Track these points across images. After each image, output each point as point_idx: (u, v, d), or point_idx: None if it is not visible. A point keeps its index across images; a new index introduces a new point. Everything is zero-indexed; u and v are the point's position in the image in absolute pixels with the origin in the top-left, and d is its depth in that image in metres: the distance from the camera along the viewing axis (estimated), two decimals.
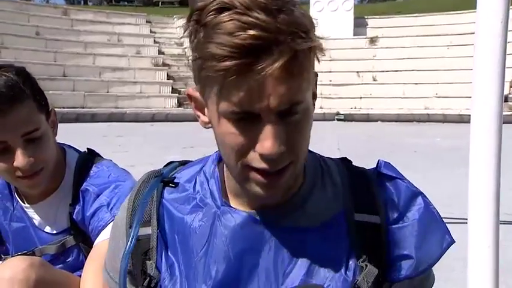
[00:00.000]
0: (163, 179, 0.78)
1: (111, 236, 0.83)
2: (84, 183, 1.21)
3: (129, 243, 0.73)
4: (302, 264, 0.70)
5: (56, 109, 1.26)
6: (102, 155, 1.36)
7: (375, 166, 0.78)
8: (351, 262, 0.70)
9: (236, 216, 0.72)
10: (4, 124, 1.10)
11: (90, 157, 1.30)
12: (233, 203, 0.74)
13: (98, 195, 1.18)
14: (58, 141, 1.29)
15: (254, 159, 0.63)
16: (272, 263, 0.70)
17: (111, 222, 1.09)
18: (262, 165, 0.63)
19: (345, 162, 0.79)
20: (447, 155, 7.55)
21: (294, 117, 0.64)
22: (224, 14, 0.60)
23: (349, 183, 0.75)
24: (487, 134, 0.61)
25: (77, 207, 1.20)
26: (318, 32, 0.64)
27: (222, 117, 0.63)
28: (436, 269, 0.74)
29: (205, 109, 0.69)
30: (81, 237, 1.21)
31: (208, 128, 0.71)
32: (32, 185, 1.20)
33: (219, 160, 0.77)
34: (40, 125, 1.17)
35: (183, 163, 0.83)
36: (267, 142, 0.61)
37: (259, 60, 0.59)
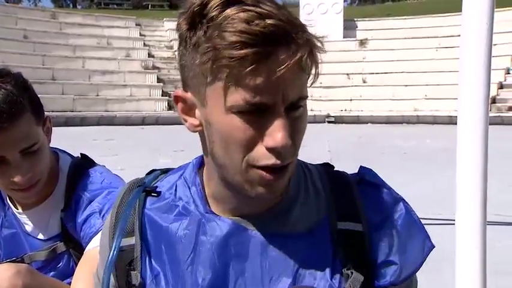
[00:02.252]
0: (145, 188, 0.77)
1: (100, 244, 0.83)
2: (77, 189, 1.19)
3: (111, 254, 0.73)
4: (288, 271, 0.69)
5: (45, 113, 1.24)
6: (93, 160, 1.34)
7: (356, 172, 0.78)
8: (335, 269, 0.70)
9: (221, 223, 0.71)
10: (4, 140, 1.08)
11: (83, 162, 1.28)
12: (215, 209, 0.73)
13: (90, 201, 1.16)
14: (51, 146, 1.27)
15: (261, 155, 0.63)
16: (259, 269, 0.70)
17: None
18: (270, 160, 0.62)
19: (326, 167, 0.79)
20: (437, 156, 7.60)
21: (297, 111, 0.64)
22: (233, 8, 0.59)
23: (331, 190, 0.74)
24: (473, 136, 0.61)
25: (69, 213, 1.18)
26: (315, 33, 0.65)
27: (229, 111, 0.62)
28: (428, 270, 0.74)
29: (196, 110, 0.67)
30: (72, 243, 1.19)
31: (197, 131, 0.69)
32: (27, 196, 1.18)
33: (199, 167, 0.76)
34: (38, 139, 1.15)
35: (165, 171, 0.82)
36: (278, 134, 0.60)
37: (278, 51, 0.58)
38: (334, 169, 0.79)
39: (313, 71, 0.64)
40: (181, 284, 0.71)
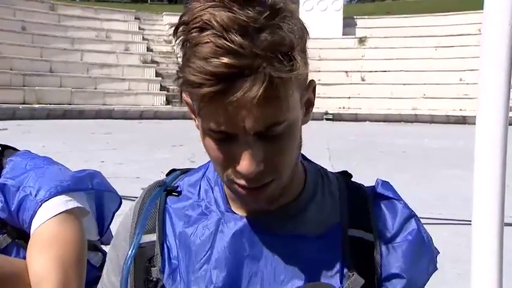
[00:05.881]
0: (166, 188, 0.79)
1: (111, 246, 0.83)
2: (1, 179, 1.11)
3: (130, 250, 0.74)
4: (299, 273, 0.70)
5: (42, 105, 1.19)
6: (13, 147, 1.27)
7: (373, 184, 0.79)
8: (343, 274, 0.70)
9: (238, 223, 0.72)
10: None
11: (2, 152, 1.18)
12: (233, 207, 0.74)
13: (18, 188, 1.08)
14: None
15: (235, 174, 0.65)
16: (271, 270, 0.71)
17: (40, 208, 1.03)
18: (242, 181, 0.65)
19: (344, 176, 0.80)
20: (435, 155, 7.61)
21: (273, 136, 0.64)
22: (204, 34, 0.59)
23: (347, 198, 0.75)
24: (492, 138, 0.60)
25: (0, 205, 1.09)
26: (309, 36, 0.64)
27: (205, 132, 0.65)
28: None
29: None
30: (16, 233, 1.11)
31: None
32: None
33: None
34: None
35: (185, 171, 0.83)
36: (243, 162, 0.63)
37: (234, 87, 0.59)
38: (352, 179, 0.80)
39: (285, 96, 0.62)
40: (193, 281, 0.72)
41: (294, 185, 0.73)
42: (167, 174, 0.83)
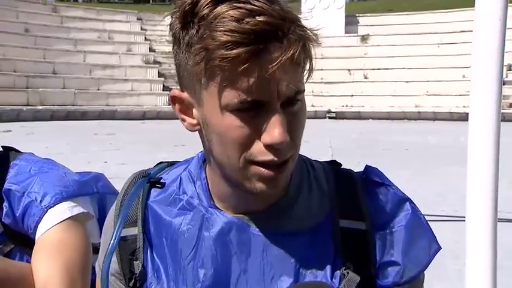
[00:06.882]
0: (150, 179, 0.77)
1: (103, 232, 0.82)
2: (6, 184, 1.11)
3: (111, 243, 0.73)
4: (289, 270, 0.69)
5: (46, 106, 1.19)
6: (17, 149, 1.26)
7: (362, 170, 0.77)
8: (336, 269, 0.69)
9: (224, 219, 0.70)
10: None
11: (6, 154, 1.18)
12: (218, 204, 0.72)
13: (23, 193, 1.08)
14: None
15: (259, 152, 0.62)
16: (260, 267, 0.69)
17: (45, 214, 1.04)
18: (268, 157, 0.62)
19: (332, 165, 0.78)
20: (438, 153, 7.60)
21: (295, 106, 0.63)
22: (223, 5, 0.59)
23: (335, 188, 0.73)
24: (485, 135, 0.60)
25: (4, 210, 1.09)
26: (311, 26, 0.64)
27: (225, 110, 0.62)
28: (431, 266, 0.73)
29: (194, 110, 0.67)
30: (19, 239, 1.11)
31: (195, 130, 0.69)
32: None
33: (204, 161, 0.75)
34: None
35: (172, 164, 0.81)
36: (275, 130, 0.61)
37: (270, 48, 0.59)
38: (341, 167, 0.78)
39: (307, 66, 0.63)
40: (182, 279, 0.71)
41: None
42: (154, 167, 0.81)
